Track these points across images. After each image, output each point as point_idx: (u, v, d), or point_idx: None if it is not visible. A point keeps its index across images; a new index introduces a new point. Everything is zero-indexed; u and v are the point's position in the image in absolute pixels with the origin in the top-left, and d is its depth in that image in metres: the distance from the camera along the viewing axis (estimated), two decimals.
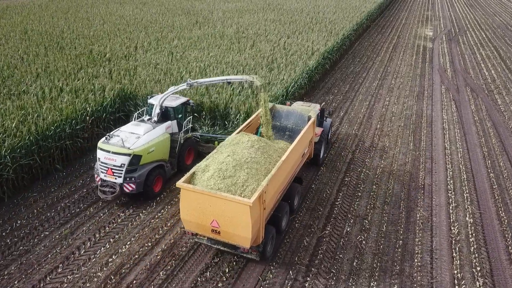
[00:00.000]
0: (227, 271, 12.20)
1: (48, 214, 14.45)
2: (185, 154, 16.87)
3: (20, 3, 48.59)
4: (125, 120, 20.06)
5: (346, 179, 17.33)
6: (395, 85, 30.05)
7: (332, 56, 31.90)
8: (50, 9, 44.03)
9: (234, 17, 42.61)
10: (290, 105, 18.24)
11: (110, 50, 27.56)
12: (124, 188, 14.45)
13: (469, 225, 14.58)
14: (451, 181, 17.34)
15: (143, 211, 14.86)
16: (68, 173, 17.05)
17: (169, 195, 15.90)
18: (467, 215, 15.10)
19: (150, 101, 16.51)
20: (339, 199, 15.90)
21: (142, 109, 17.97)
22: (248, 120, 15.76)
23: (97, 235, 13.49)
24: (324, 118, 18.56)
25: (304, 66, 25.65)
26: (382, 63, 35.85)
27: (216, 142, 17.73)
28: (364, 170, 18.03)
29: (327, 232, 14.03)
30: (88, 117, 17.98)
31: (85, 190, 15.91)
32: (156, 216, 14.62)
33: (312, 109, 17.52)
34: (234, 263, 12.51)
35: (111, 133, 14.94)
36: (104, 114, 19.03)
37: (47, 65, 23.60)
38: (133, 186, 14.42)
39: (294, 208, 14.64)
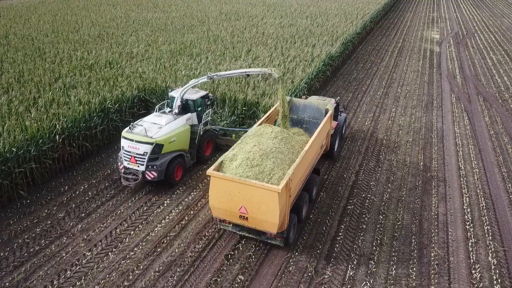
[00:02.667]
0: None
1: (1, 254, 12.43)
2: (204, 145, 17.52)
3: (8, 5, 46.68)
4: (109, 136, 18.09)
5: (348, 207, 15.24)
6: (402, 93, 27.93)
7: (334, 62, 29.80)
8: (38, 11, 42.11)
9: (231, 19, 40.56)
10: (305, 99, 18.55)
11: (94, 56, 25.55)
12: (146, 176, 15.10)
13: (492, 266, 12.48)
14: (468, 210, 15.23)
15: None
16: (33, 201, 15.02)
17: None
18: (490, 254, 12.99)
19: (171, 94, 17.16)
20: (340, 233, 13.82)
21: (163, 101, 18.24)
22: (268, 113, 16.20)
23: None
24: (339, 112, 18.94)
25: (304, 75, 23.57)
26: (387, 69, 33.73)
27: (233, 135, 18.54)
28: (369, 196, 15.94)
29: (326, 277, 11.96)
30: (58, 136, 15.95)
31: (49, 222, 13.88)
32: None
33: (327, 102, 17.79)
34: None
35: (135, 123, 15.61)
36: (78, 130, 17.00)
37: (21, 74, 21.60)
38: (155, 174, 15.09)
39: (312, 198, 15.15)
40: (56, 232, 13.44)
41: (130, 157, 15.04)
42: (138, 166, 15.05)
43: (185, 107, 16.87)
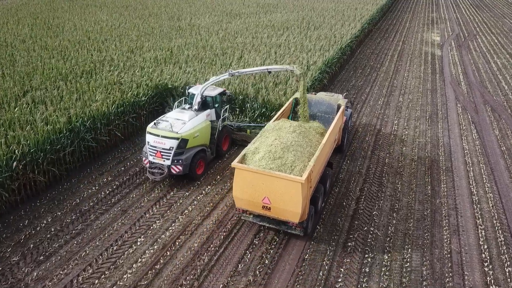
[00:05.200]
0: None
1: None
2: (222, 140, 17.99)
3: None
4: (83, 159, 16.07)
5: (349, 243, 13.32)
6: (404, 103, 26.06)
7: (331, 69, 27.88)
8: (19, 13, 39.92)
9: (222, 22, 38.56)
10: (315, 95, 19.13)
11: (71, 65, 23.51)
12: (172, 170, 15.51)
13: None
14: (485, 246, 13.35)
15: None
16: None
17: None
18: None
19: (191, 90, 17.65)
20: (340, 279, 11.90)
21: (181, 98, 18.55)
22: (283, 108, 17.00)
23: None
24: (346, 108, 19.23)
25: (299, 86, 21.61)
26: (387, 75, 31.85)
27: (248, 130, 19.17)
28: (371, 229, 14.03)
29: None
30: (16, 162, 13.95)
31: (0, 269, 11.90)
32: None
33: (336, 98, 18.48)
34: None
35: (158, 119, 16.05)
36: (42, 154, 15.00)
37: None
38: (180, 168, 15.50)
39: (326, 191, 15.39)
40: (7, 282, 11.45)
41: (156, 151, 15.44)
42: (164, 161, 15.44)
43: (204, 104, 17.33)
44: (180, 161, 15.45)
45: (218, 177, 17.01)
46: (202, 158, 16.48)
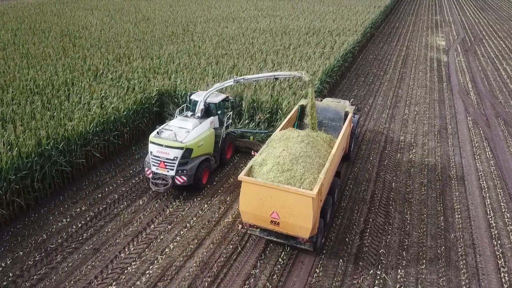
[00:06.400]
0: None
1: None
2: (225, 148, 17.49)
3: None
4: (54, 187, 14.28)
5: (354, 283, 11.56)
6: (410, 115, 24.26)
7: (332, 78, 26.09)
8: (5, 17, 38.15)
9: (218, 27, 36.79)
10: (320, 101, 18.64)
11: (51, 75, 21.74)
12: (176, 181, 14.96)
13: None
14: None
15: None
16: None
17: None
18: None
19: (193, 97, 17.00)
20: None
21: (183, 105, 17.90)
22: (288, 116, 16.29)
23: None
24: (353, 114, 18.43)
25: (296, 98, 19.88)
26: (391, 84, 30.06)
27: (251, 137, 18.77)
28: (378, 272, 12.23)
29: None
30: None
31: None
32: (207, 205, 15.04)
33: (342, 105, 17.89)
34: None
35: (161, 127, 15.52)
36: (5, 184, 13.22)
37: None
38: (185, 179, 14.98)
39: (335, 201, 14.83)
40: None
41: (159, 162, 14.86)
42: (168, 171, 14.87)
43: (207, 111, 16.76)
44: (185, 171, 14.92)
45: (206, 206, 15.22)
46: (207, 167, 15.95)
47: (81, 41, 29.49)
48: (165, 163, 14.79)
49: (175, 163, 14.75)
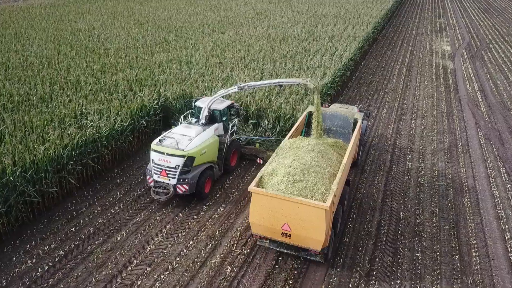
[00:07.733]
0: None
1: None
2: (230, 156, 17.01)
3: None
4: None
5: None
6: (417, 130, 22.57)
7: (333, 89, 24.42)
8: None
9: (215, 31, 35.12)
10: (328, 107, 18.37)
11: (30, 88, 20.08)
12: (177, 189, 14.68)
13: None
14: None
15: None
16: None
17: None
18: None
19: (197, 103, 16.72)
20: None
21: (187, 112, 17.63)
22: (296, 124, 16.20)
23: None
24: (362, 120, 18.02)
25: (295, 113, 18.25)
26: (395, 94, 28.38)
27: (257, 144, 18.44)
28: None
29: None
30: None
31: None
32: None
33: (351, 111, 17.57)
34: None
35: (163, 135, 15.16)
36: None
37: None
38: (186, 187, 14.66)
39: (344, 209, 14.49)
40: None
41: (160, 170, 14.58)
42: (169, 180, 14.59)
43: (211, 117, 16.45)
44: (187, 180, 14.59)
45: (192, 242, 13.52)
46: (210, 176, 15.55)
47: (67, 49, 27.80)
48: (167, 172, 14.49)
49: (176, 172, 14.43)
